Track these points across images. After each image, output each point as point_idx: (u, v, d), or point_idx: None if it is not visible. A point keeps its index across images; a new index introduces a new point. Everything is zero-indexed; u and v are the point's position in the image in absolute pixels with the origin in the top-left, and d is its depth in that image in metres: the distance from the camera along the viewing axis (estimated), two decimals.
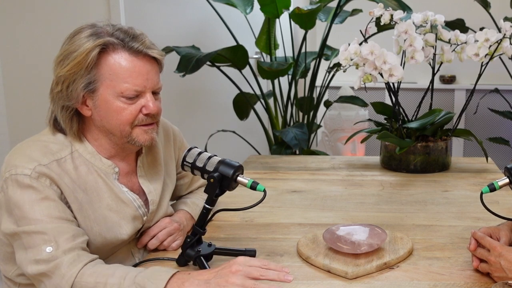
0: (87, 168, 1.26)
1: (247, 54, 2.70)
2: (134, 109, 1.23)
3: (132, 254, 1.38)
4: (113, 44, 1.19)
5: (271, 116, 3.07)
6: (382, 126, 2.17)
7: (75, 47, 1.18)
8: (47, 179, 1.18)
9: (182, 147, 1.53)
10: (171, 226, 1.38)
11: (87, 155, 1.27)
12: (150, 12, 2.62)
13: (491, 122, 3.95)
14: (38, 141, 1.25)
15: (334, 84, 3.39)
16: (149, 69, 1.23)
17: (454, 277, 1.21)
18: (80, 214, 1.24)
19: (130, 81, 1.20)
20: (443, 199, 1.74)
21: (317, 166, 2.15)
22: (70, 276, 1.12)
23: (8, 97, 1.94)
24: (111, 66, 1.19)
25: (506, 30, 1.92)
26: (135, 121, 1.24)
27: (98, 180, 1.27)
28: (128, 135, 1.25)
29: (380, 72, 1.89)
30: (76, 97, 1.20)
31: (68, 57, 1.18)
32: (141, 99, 1.23)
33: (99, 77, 1.20)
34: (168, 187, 1.44)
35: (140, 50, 1.21)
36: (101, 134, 1.27)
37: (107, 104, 1.22)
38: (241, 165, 1.24)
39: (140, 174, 1.36)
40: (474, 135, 2.05)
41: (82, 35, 1.19)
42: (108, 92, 1.21)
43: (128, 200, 1.31)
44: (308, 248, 1.32)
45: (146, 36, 1.24)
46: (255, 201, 1.22)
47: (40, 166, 1.18)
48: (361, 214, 1.62)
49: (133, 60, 1.20)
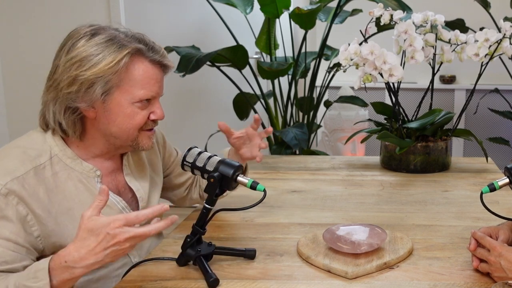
0: (67, 173, 1.25)
1: (247, 54, 2.70)
2: (145, 114, 1.27)
3: (128, 255, 1.37)
4: (139, 52, 1.22)
5: (271, 116, 3.07)
6: (382, 126, 2.17)
7: (95, 50, 1.18)
8: (15, 197, 1.15)
9: (165, 144, 1.56)
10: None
11: (66, 159, 1.25)
12: (150, 12, 2.62)
13: (491, 122, 3.95)
14: (16, 147, 1.23)
15: (334, 84, 3.39)
16: (161, 77, 1.29)
17: (454, 277, 1.21)
18: (56, 224, 1.21)
19: (147, 87, 1.24)
20: (443, 199, 1.74)
21: (317, 166, 2.15)
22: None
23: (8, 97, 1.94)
24: (133, 72, 1.22)
25: (506, 30, 1.92)
26: (144, 126, 1.28)
27: (79, 185, 1.26)
28: (134, 139, 1.28)
29: (380, 72, 1.89)
30: (90, 100, 1.20)
31: (88, 60, 1.17)
32: (150, 105, 1.28)
33: (119, 82, 1.21)
34: (156, 184, 1.45)
35: (159, 61, 1.26)
36: (101, 136, 1.27)
37: (120, 108, 1.23)
38: (241, 165, 1.24)
39: (126, 173, 1.36)
40: (474, 135, 2.05)
41: (98, 40, 1.19)
42: (124, 96, 1.22)
43: (111, 203, 1.31)
44: (308, 248, 1.32)
45: (161, 46, 1.29)
46: (255, 201, 1.22)
47: (12, 181, 1.15)
48: (361, 214, 1.62)
49: (152, 68, 1.25)
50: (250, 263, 1.29)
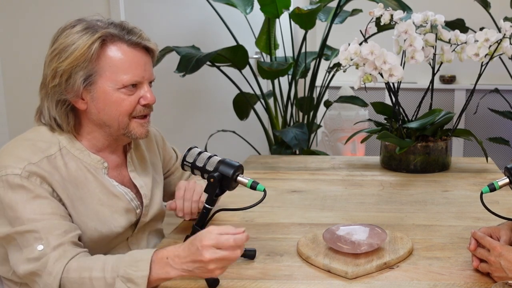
0: (76, 164, 1.26)
1: (247, 54, 2.70)
2: (133, 100, 1.26)
3: (131, 249, 1.38)
4: (113, 36, 1.22)
5: (271, 116, 3.07)
6: (382, 126, 2.17)
7: (71, 40, 1.19)
8: (37, 178, 1.18)
9: (164, 145, 1.56)
10: (188, 184, 1.41)
11: (75, 151, 1.27)
12: (150, 12, 2.62)
13: (491, 122, 3.95)
14: (26, 140, 1.25)
15: (334, 84, 3.39)
16: (146, 61, 1.27)
17: (454, 277, 1.21)
18: (74, 210, 1.24)
19: (129, 72, 1.23)
20: (443, 199, 1.74)
21: (317, 166, 2.15)
22: (57, 273, 1.11)
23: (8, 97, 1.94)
24: (111, 58, 1.22)
25: (506, 30, 1.92)
26: (133, 112, 1.27)
27: (88, 175, 1.27)
28: (126, 127, 1.27)
29: (380, 72, 1.89)
30: (74, 90, 1.21)
31: (65, 51, 1.19)
32: (138, 90, 1.26)
33: (98, 69, 1.21)
34: (158, 183, 1.46)
35: (138, 42, 1.25)
36: (96, 127, 1.28)
37: (107, 96, 1.23)
38: (241, 165, 1.24)
39: (130, 169, 1.37)
40: (474, 135, 2.05)
41: (76, 29, 1.20)
42: (107, 84, 1.22)
43: (119, 193, 1.32)
44: (308, 248, 1.32)
45: (141, 30, 1.28)
46: (255, 201, 1.22)
47: (30, 165, 1.18)
48: (361, 214, 1.62)
49: (132, 51, 1.24)
50: (250, 263, 1.29)
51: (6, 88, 1.93)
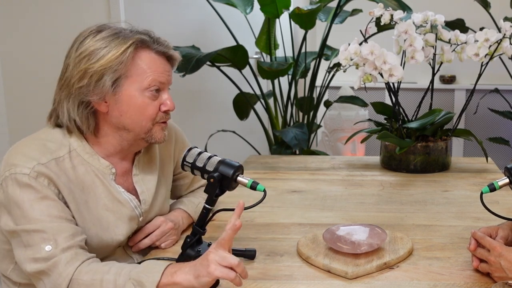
0: (85, 168, 1.27)
1: (247, 54, 2.70)
2: (156, 105, 1.28)
3: (128, 255, 1.38)
4: (143, 43, 1.26)
5: (271, 116, 3.07)
6: (382, 126, 2.17)
7: (101, 44, 1.22)
8: (45, 178, 1.19)
9: (183, 148, 1.52)
10: (165, 226, 1.39)
11: (85, 154, 1.28)
12: (150, 12, 2.62)
13: (491, 122, 3.95)
14: (37, 139, 1.26)
15: (334, 84, 3.38)
16: (168, 69, 1.32)
17: (454, 277, 1.21)
18: (78, 214, 1.24)
19: (155, 75, 1.26)
20: (443, 199, 1.74)
21: (317, 166, 2.15)
22: (68, 274, 1.13)
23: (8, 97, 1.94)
24: (140, 62, 1.25)
25: (506, 30, 1.92)
26: (156, 117, 1.29)
27: (95, 180, 1.28)
28: (148, 131, 1.29)
29: (380, 72, 1.89)
30: (102, 92, 1.23)
31: (95, 53, 1.21)
32: (160, 96, 1.29)
33: (126, 72, 1.23)
34: (162, 187, 1.44)
35: (164, 52, 1.29)
36: (112, 130, 1.28)
37: (132, 100, 1.25)
38: (241, 165, 1.24)
39: (134, 173, 1.37)
40: (474, 135, 2.05)
41: (103, 35, 1.23)
42: (133, 87, 1.24)
43: (125, 200, 1.32)
44: (308, 248, 1.32)
45: (166, 39, 1.33)
46: (255, 201, 1.22)
47: (39, 165, 1.19)
48: (361, 214, 1.62)
49: (159, 58, 1.29)
50: (250, 263, 1.29)
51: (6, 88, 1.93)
